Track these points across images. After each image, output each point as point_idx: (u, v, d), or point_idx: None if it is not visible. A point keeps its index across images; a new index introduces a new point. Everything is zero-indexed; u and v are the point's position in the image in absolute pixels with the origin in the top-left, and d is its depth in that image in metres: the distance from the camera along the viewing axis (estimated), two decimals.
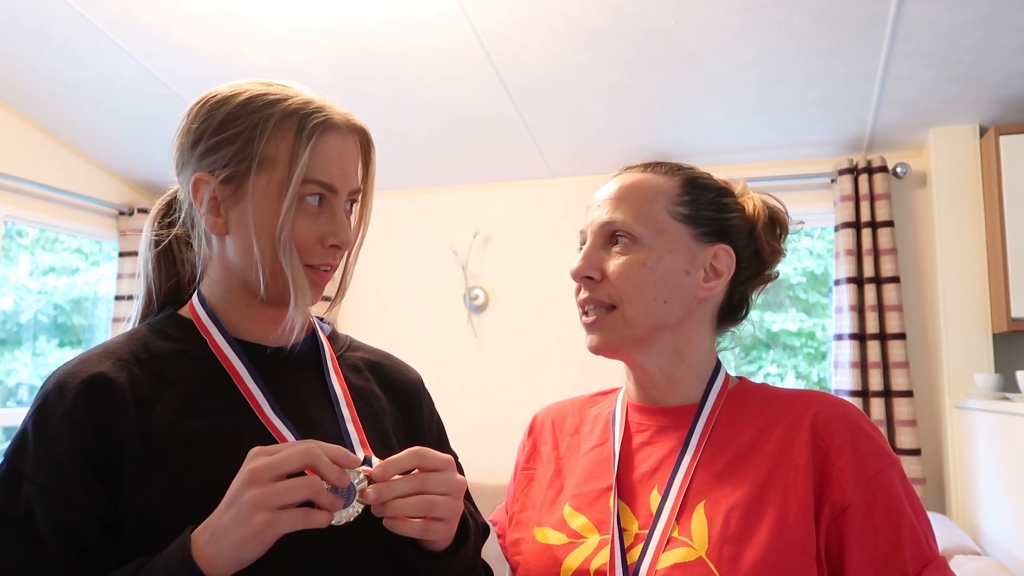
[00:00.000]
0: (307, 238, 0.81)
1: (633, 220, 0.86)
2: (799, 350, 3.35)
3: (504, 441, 1.72)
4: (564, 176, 3.38)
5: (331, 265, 0.84)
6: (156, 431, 0.75)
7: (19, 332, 3.50)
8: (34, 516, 0.71)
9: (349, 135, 0.84)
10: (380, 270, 3.50)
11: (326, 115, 0.82)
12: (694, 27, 2.29)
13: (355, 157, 0.85)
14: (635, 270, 0.85)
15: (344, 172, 0.83)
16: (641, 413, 0.91)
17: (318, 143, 0.80)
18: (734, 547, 0.74)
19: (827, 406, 0.82)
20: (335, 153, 0.82)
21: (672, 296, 0.86)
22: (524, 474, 0.98)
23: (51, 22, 2.45)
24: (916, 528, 0.76)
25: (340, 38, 2.47)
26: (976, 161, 2.70)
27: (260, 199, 0.79)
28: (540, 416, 1.03)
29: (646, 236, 0.86)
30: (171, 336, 0.84)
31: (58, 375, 0.78)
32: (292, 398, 0.84)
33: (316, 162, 0.80)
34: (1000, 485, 2.20)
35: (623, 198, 0.88)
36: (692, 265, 0.87)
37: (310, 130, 0.80)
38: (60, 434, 0.74)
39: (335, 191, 0.82)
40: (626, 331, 0.86)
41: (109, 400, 0.76)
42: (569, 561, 0.81)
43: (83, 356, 0.81)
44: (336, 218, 0.82)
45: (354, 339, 1.01)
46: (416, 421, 0.95)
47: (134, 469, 0.74)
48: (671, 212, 0.87)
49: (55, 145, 3.30)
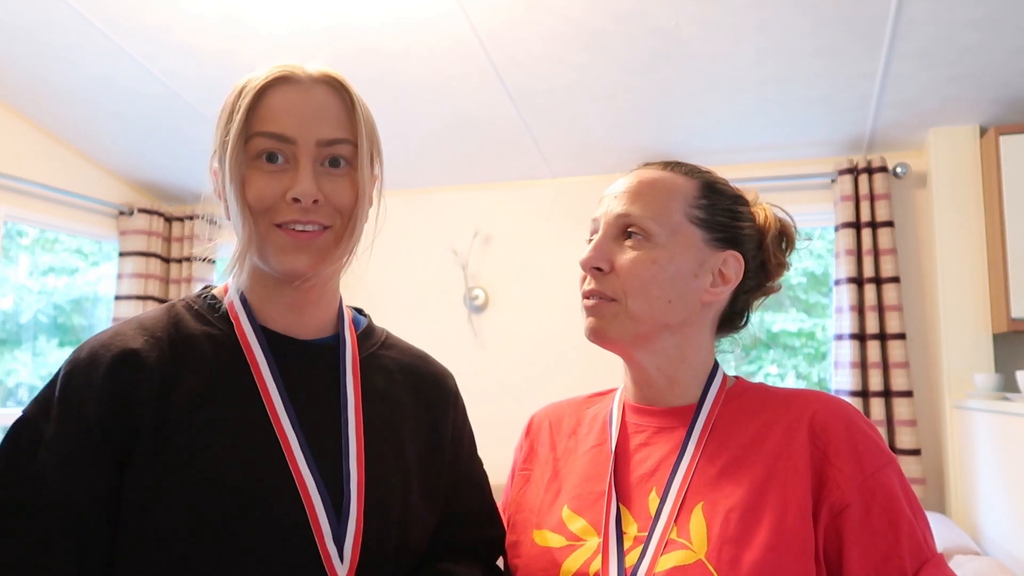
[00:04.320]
0: (266, 195, 0.78)
1: (649, 216, 0.86)
2: (799, 350, 3.35)
3: (504, 440, 1.71)
4: (564, 176, 3.38)
5: (302, 222, 0.79)
6: (172, 416, 0.75)
7: (19, 332, 3.50)
8: (46, 483, 0.71)
9: (313, 85, 0.81)
10: (380, 270, 3.50)
11: (278, 73, 0.80)
12: (694, 27, 2.28)
13: (323, 106, 0.80)
14: (645, 267, 0.85)
15: (301, 120, 0.78)
16: (639, 414, 0.91)
17: (264, 96, 0.78)
18: (733, 549, 0.73)
19: (825, 406, 0.82)
20: (286, 104, 0.78)
21: (678, 297, 0.85)
22: (521, 475, 0.97)
23: (51, 22, 2.45)
24: (914, 526, 0.76)
25: (340, 38, 2.46)
26: (976, 161, 2.70)
27: (226, 169, 0.79)
28: (537, 417, 1.03)
29: (660, 234, 0.85)
30: (204, 318, 0.84)
31: (92, 345, 0.78)
32: (307, 395, 0.83)
33: (261, 115, 0.78)
34: (1000, 485, 2.19)
35: (641, 193, 0.87)
36: (701, 269, 0.87)
37: (252, 87, 0.79)
38: (87, 406, 0.74)
39: (290, 141, 0.78)
40: (628, 326, 0.85)
41: (138, 379, 0.76)
42: (568, 564, 0.81)
43: (119, 328, 0.81)
44: (297, 171, 0.78)
45: (392, 336, 0.97)
46: (441, 429, 0.93)
47: (143, 451, 0.74)
48: (687, 214, 0.87)
49: (55, 145, 3.30)
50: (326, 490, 0.77)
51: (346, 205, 0.81)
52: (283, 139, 0.78)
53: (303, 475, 0.76)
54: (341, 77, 0.84)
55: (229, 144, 0.78)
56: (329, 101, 0.81)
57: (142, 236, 3.62)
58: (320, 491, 0.76)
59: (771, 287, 0.95)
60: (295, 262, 0.79)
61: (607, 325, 0.86)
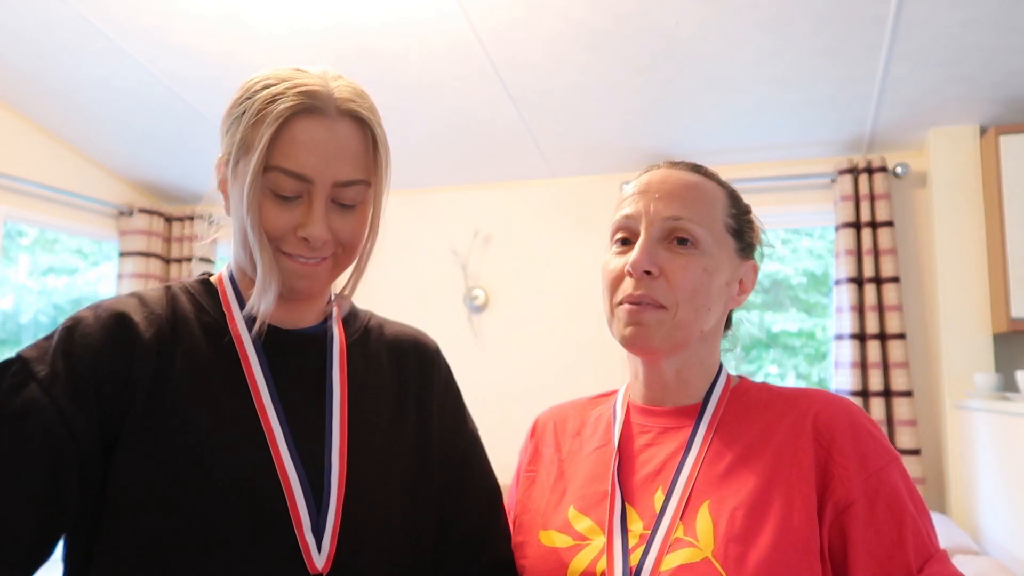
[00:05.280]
0: (276, 226, 0.78)
1: (699, 222, 0.85)
2: (799, 350, 3.35)
3: (504, 441, 1.71)
4: (564, 176, 3.38)
5: (308, 257, 0.79)
6: (164, 397, 0.76)
7: (19, 332, 3.50)
8: (28, 418, 0.71)
9: (338, 120, 0.78)
10: (380, 270, 3.48)
11: (304, 100, 0.76)
12: (694, 27, 2.29)
13: (344, 146, 0.78)
14: (697, 275, 0.84)
15: (322, 161, 0.76)
16: (644, 415, 0.91)
17: (285, 129, 0.76)
18: (739, 546, 0.74)
19: (829, 404, 0.82)
20: (309, 140, 0.76)
21: (715, 305, 0.86)
22: (526, 476, 0.98)
23: (52, 23, 2.46)
24: (918, 523, 0.76)
25: (340, 39, 2.46)
26: (976, 161, 2.70)
27: (239, 183, 0.79)
28: (542, 418, 1.03)
29: (708, 241, 0.85)
30: (199, 303, 0.85)
31: (97, 304, 0.80)
32: (294, 385, 0.83)
33: (283, 149, 0.76)
34: (1000, 485, 2.20)
35: (686, 197, 0.86)
36: (732, 278, 0.88)
37: (276, 115, 0.75)
38: (83, 361, 0.74)
39: (308, 181, 0.77)
40: (674, 334, 0.84)
41: (135, 351, 0.77)
42: (575, 563, 0.81)
43: (121, 298, 0.82)
44: (310, 210, 0.77)
45: (375, 316, 0.98)
46: (427, 401, 0.93)
47: (131, 429, 0.74)
48: (724, 223, 0.88)
49: (55, 145, 3.30)
50: (307, 481, 0.78)
51: (351, 239, 0.82)
52: (302, 178, 0.77)
53: (285, 466, 0.77)
54: (367, 113, 0.81)
55: (248, 174, 0.76)
56: (352, 139, 0.79)
57: (142, 236, 3.62)
58: (301, 482, 0.77)
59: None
60: (296, 286, 0.81)
61: (651, 334, 0.84)
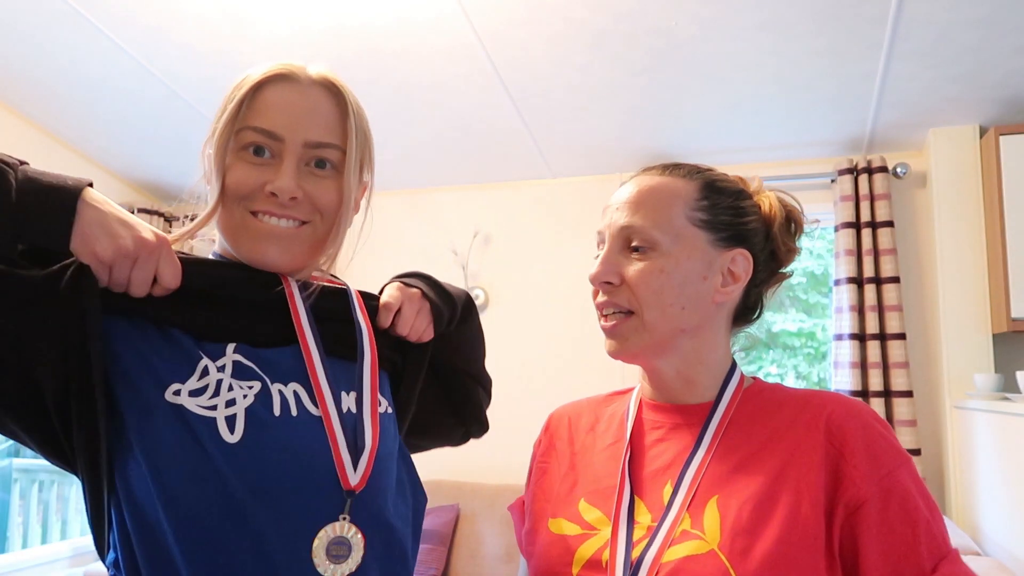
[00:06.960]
0: (245, 183, 0.80)
1: (651, 226, 0.86)
2: (799, 350, 3.35)
3: (505, 441, 1.71)
4: (564, 176, 3.38)
5: (276, 214, 0.80)
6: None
7: None
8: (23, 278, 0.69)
9: (310, 86, 0.83)
10: (380, 270, 3.49)
11: (278, 70, 0.82)
12: (694, 27, 2.29)
13: (316, 109, 0.82)
14: (654, 276, 0.85)
15: (292, 119, 0.80)
16: (656, 411, 0.92)
17: (259, 92, 0.81)
18: (745, 539, 0.75)
19: (841, 406, 0.82)
20: (280, 102, 0.81)
21: (690, 302, 0.86)
22: (539, 467, 0.99)
23: (51, 22, 2.46)
24: (931, 524, 0.77)
25: (341, 39, 2.47)
26: (976, 161, 2.70)
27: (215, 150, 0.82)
28: (556, 414, 1.04)
29: (664, 242, 0.85)
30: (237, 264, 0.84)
31: None
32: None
33: (256, 109, 0.80)
34: (1000, 485, 2.20)
35: (641, 202, 0.87)
36: (710, 270, 0.87)
37: (250, 81, 0.81)
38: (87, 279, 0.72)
39: (278, 138, 0.80)
40: (645, 337, 0.86)
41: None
42: (582, 551, 0.83)
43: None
44: (280, 167, 0.80)
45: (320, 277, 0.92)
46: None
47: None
48: (689, 217, 0.87)
49: (55, 145, 3.30)
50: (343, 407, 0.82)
51: (327, 205, 0.82)
52: (271, 135, 0.80)
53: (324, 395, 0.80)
54: (340, 82, 0.85)
55: (217, 131, 0.81)
56: (323, 104, 0.83)
57: None
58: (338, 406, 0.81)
59: (783, 274, 0.95)
60: (266, 252, 0.81)
61: (629, 343, 0.87)
